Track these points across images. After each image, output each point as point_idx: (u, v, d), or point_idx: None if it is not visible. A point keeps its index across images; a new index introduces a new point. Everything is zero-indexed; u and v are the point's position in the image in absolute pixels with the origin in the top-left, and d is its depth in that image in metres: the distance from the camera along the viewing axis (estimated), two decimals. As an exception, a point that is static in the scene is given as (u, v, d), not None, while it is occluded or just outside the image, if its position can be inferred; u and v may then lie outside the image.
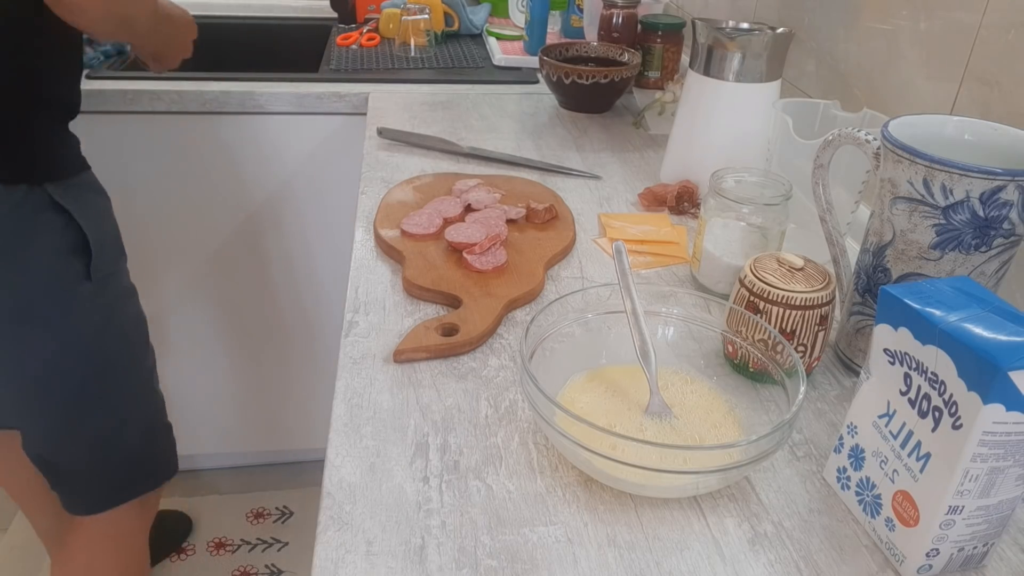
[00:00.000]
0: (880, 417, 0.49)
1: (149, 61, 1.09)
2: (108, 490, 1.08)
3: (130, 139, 1.32)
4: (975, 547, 0.48)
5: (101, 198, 0.99)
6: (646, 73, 1.34)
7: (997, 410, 0.41)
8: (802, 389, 0.52)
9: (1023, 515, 0.53)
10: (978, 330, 0.42)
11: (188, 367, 1.57)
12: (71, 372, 0.97)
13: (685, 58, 1.38)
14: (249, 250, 1.47)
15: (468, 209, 0.88)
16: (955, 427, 0.43)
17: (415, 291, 0.74)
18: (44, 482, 1.06)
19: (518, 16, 1.64)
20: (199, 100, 1.29)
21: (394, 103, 1.28)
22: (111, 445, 1.04)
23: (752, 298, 0.62)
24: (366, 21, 1.74)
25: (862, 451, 0.51)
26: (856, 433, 0.52)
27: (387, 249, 0.81)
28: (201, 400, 1.62)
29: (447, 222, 0.84)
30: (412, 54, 1.52)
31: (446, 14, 1.65)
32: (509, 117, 1.25)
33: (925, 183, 0.55)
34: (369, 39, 1.61)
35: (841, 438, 0.53)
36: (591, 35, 1.42)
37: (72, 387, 0.98)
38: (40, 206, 0.88)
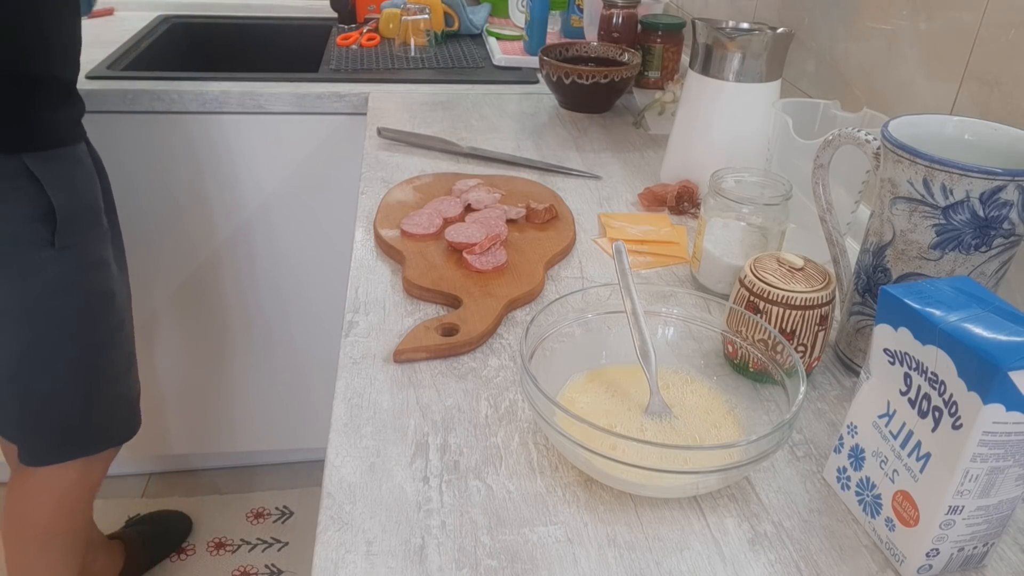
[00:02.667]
0: (880, 417, 0.49)
1: None
2: (44, 447, 1.11)
3: (130, 139, 1.32)
4: (975, 547, 0.48)
5: (81, 172, 1.02)
6: (646, 73, 1.34)
7: (997, 410, 0.41)
8: (802, 389, 0.52)
9: (1023, 515, 0.53)
10: (978, 330, 0.42)
11: (187, 366, 1.58)
12: (20, 328, 1.01)
13: (685, 58, 1.38)
14: (249, 249, 1.47)
15: (468, 209, 0.88)
16: (955, 427, 0.43)
17: (415, 291, 0.74)
18: None
19: (518, 16, 1.64)
20: (199, 100, 1.29)
21: (394, 103, 1.28)
22: (46, 406, 1.07)
23: (752, 298, 0.62)
24: (366, 21, 1.74)
25: (862, 451, 0.51)
26: (856, 433, 0.52)
27: (387, 249, 0.81)
28: (201, 399, 1.62)
29: (447, 222, 0.84)
30: (412, 54, 1.51)
31: (446, 14, 1.65)
32: (509, 117, 1.25)
33: (925, 183, 0.55)
34: (369, 39, 1.61)
35: (841, 438, 0.53)
36: (591, 35, 1.42)
37: (19, 344, 1.02)
38: (13, 173, 0.93)
